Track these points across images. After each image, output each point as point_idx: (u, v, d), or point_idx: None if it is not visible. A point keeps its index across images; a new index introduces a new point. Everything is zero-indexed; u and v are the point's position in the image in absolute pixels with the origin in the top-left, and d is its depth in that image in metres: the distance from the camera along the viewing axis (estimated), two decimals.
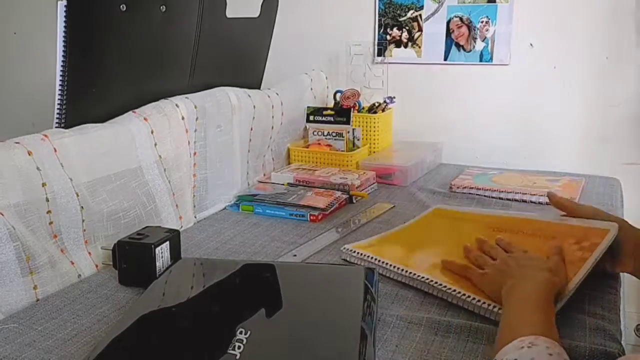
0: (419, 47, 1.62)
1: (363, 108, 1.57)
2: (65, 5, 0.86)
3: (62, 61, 0.89)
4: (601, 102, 1.47)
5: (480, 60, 1.56)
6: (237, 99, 1.22)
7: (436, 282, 0.79)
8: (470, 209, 1.07)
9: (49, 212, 0.83)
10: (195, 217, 1.14)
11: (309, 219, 1.12)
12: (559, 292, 0.71)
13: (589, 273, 0.77)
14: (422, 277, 0.81)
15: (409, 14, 1.61)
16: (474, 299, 0.75)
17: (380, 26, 1.65)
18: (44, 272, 0.82)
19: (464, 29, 1.56)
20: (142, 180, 0.99)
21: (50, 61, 0.91)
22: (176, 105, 1.07)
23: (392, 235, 0.99)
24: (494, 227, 0.95)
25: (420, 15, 1.60)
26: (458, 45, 1.57)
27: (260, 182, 1.34)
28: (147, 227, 0.91)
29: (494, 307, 0.73)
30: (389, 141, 1.61)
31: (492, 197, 1.24)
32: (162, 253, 0.85)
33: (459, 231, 0.97)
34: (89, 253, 0.91)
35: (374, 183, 1.33)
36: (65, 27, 0.87)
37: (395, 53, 1.64)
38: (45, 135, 0.84)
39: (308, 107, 1.50)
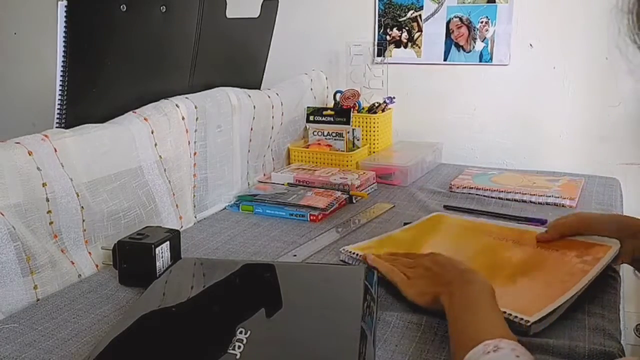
0: (419, 48, 1.62)
1: (363, 108, 1.57)
2: (65, 6, 0.87)
3: (63, 61, 0.89)
4: (601, 102, 1.47)
5: (480, 61, 1.56)
6: (237, 99, 1.22)
7: None
8: (472, 218, 1.06)
9: (49, 212, 0.83)
10: (195, 217, 1.14)
11: (309, 219, 1.12)
12: None
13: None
14: None
15: (408, 15, 1.61)
16: None
17: (380, 26, 1.65)
18: (44, 272, 0.82)
19: (464, 29, 1.56)
20: (142, 181, 1.00)
21: (51, 61, 0.91)
22: (176, 105, 1.07)
23: (389, 238, 0.98)
24: (497, 237, 0.95)
25: (420, 15, 1.60)
26: (458, 46, 1.58)
27: (260, 182, 1.34)
28: (147, 227, 0.92)
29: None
30: (388, 141, 1.61)
31: (492, 197, 1.24)
32: (162, 253, 0.85)
33: (459, 238, 0.97)
34: (89, 253, 0.91)
35: (373, 183, 1.33)
36: (65, 27, 0.88)
37: (395, 53, 1.64)
38: (46, 136, 0.85)
39: (308, 107, 1.50)
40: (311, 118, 1.48)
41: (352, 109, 1.48)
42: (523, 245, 0.91)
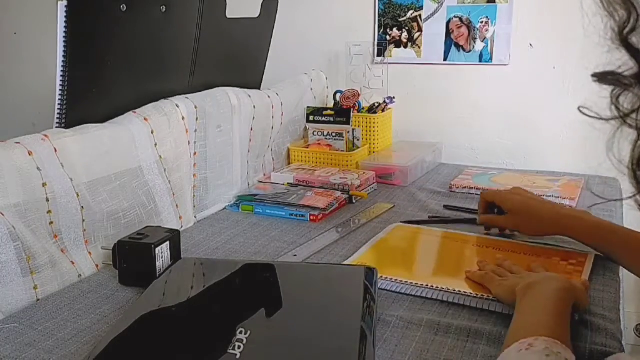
0: (419, 48, 1.62)
1: (363, 108, 1.57)
2: (65, 6, 0.87)
3: (63, 61, 0.89)
4: (601, 103, 1.47)
5: (480, 61, 1.56)
6: (237, 99, 1.22)
7: (459, 291, 0.79)
8: (429, 227, 1.06)
9: (49, 212, 0.83)
10: (195, 217, 1.14)
11: (309, 219, 1.12)
12: (578, 300, 0.68)
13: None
14: (443, 288, 0.80)
15: (408, 15, 1.61)
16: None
17: (380, 26, 1.65)
18: (45, 272, 0.82)
19: (464, 29, 1.56)
20: (142, 181, 1.00)
21: (51, 61, 0.91)
22: (176, 105, 1.07)
23: (370, 252, 0.95)
24: (478, 245, 0.96)
25: (420, 15, 1.60)
26: (458, 46, 1.57)
27: (260, 182, 1.34)
28: (147, 227, 0.91)
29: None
30: (388, 141, 1.61)
31: None
32: (162, 253, 0.85)
33: (442, 247, 0.98)
34: (89, 253, 0.91)
35: (373, 183, 1.33)
36: (65, 27, 0.88)
37: (395, 53, 1.64)
38: (46, 135, 0.84)
39: (308, 107, 1.50)
40: (311, 118, 1.48)
41: (352, 109, 1.48)
42: (505, 252, 0.93)
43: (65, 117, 0.92)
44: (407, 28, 1.62)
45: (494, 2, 1.51)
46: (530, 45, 1.52)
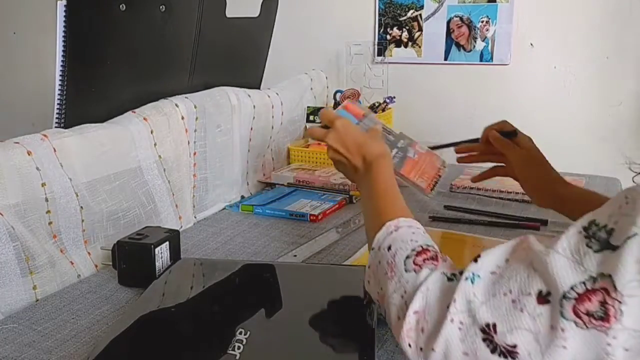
0: (419, 47, 1.62)
1: None
2: (64, 5, 0.86)
3: (62, 61, 0.89)
4: (601, 102, 1.47)
5: (481, 60, 1.56)
6: (236, 99, 1.22)
7: None
8: (434, 227, 1.06)
9: (48, 212, 0.83)
10: (195, 217, 1.14)
11: (309, 219, 1.12)
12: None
13: None
14: None
15: (409, 14, 1.61)
16: None
17: (380, 26, 1.65)
18: (44, 272, 0.82)
19: (464, 29, 1.55)
20: (141, 180, 0.99)
21: (50, 61, 0.91)
22: (176, 105, 1.06)
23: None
24: (478, 245, 0.96)
25: (420, 15, 1.60)
26: (458, 45, 1.57)
27: (260, 182, 1.34)
28: (146, 227, 0.91)
29: None
30: None
31: (492, 197, 1.24)
32: (162, 253, 0.85)
33: (442, 247, 0.97)
34: (89, 253, 0.91)
35: None
36: (64, 27, 0.87)
37: (396, 53, 1.64)
38: (45, 135, 0.84)
39: (308, 107, 1.50)
40: (311, 118, 1.48)
41: None
42: None
43: (64, 117, 0.92)
44: (407, 27, 1.62)
45: (495, 1, 1.51)
46: (531, 44, 1.51)
